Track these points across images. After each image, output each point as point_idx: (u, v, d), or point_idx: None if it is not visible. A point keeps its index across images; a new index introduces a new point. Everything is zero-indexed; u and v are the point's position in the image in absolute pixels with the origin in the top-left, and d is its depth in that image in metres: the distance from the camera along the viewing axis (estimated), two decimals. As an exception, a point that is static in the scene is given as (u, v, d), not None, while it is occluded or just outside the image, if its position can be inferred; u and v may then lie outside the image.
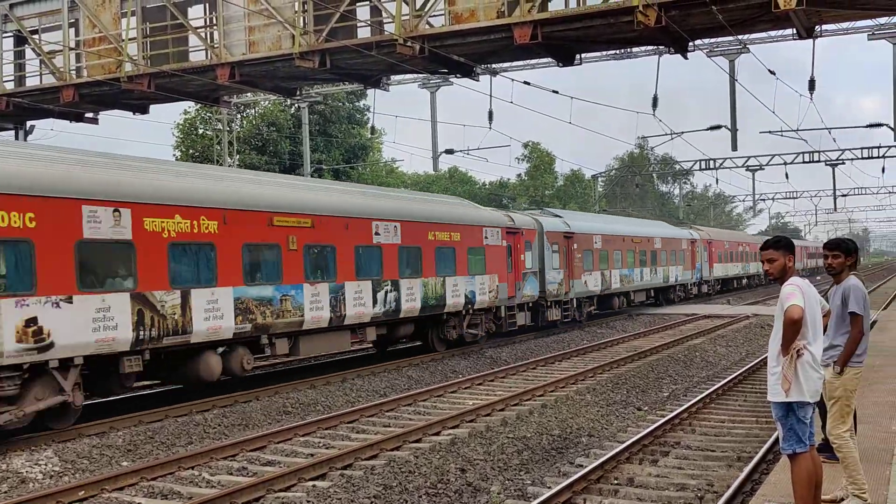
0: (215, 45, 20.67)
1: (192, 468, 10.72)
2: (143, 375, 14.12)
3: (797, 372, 5.78)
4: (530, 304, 25.84)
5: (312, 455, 11.40)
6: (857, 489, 6.39)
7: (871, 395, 11.55)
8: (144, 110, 25.29)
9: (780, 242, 6.10)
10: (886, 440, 8.83)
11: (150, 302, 13.16)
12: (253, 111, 42.17)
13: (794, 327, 5.74)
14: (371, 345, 21.12)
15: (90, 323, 12.19)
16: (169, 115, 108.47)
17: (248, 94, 33.15)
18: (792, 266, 6.04)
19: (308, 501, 8.93)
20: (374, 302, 18.33)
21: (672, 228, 43.26)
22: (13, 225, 11.30)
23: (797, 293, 5.80)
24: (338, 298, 17.23)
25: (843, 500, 6.46)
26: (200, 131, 40.42)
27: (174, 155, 40.38)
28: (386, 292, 18.67)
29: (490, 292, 22.84)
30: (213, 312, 14.27)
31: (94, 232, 12.44)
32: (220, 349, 15.16)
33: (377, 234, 18.60)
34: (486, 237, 22.85)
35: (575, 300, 28.93)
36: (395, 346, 22.63)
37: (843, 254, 7.03)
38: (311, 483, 9.86)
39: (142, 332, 12.98)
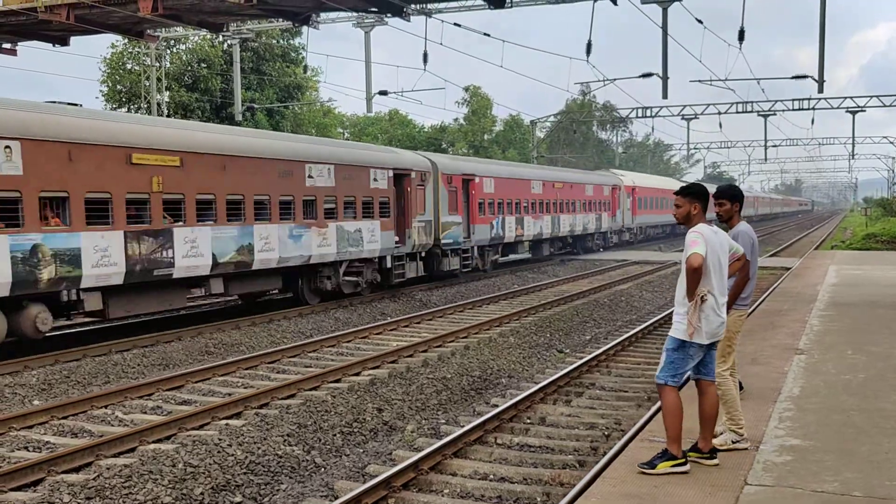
0: (137, -24, 19.88)
1: (105, 407, 10.64)
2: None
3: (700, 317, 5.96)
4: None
5: (230, 395, 11.39)
6: (734, 424, 6.67)
7: (772, 338, 11.92)
8: (65, 42, 24.32)
9: (689, 190, 6.20)
10: (777, 380, 9.15)
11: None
12: (183, 47, 40.89)
13: (694, 275, 5.88)
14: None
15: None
16: (97, 49, 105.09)
17: (177, 29, 32.17)
18: (698, 213, 6.13)
19: (220, 439, 8.92)
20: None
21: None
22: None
23: (699, 241, 5.91)
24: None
25: (721, 434, 6.72)
26: (129, 66, 39.10)
27: (101, 90, 39.09)
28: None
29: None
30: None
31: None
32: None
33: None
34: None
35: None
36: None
37: (729, 201, 7.18)
38: (224, 421, 9.85)
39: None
